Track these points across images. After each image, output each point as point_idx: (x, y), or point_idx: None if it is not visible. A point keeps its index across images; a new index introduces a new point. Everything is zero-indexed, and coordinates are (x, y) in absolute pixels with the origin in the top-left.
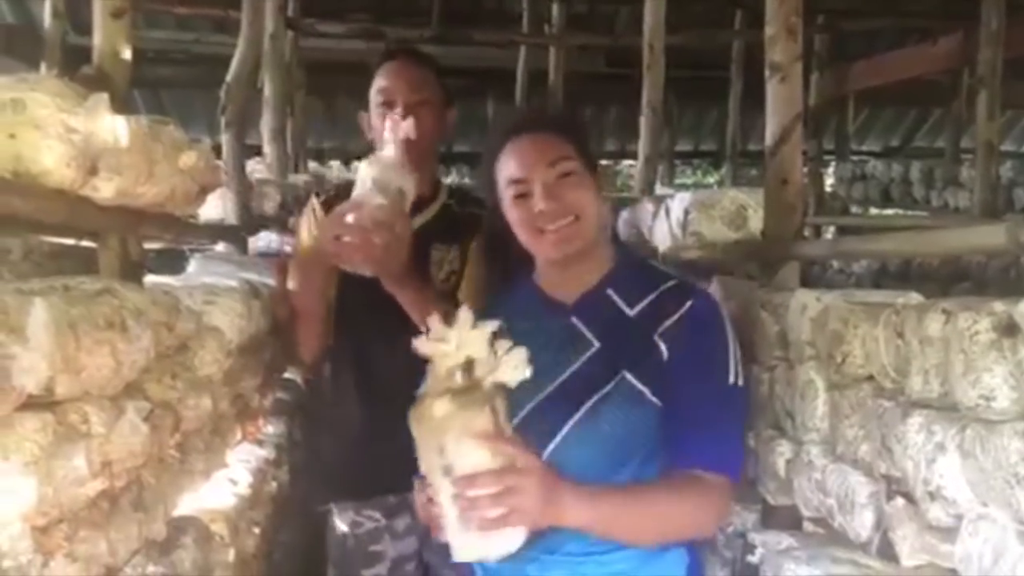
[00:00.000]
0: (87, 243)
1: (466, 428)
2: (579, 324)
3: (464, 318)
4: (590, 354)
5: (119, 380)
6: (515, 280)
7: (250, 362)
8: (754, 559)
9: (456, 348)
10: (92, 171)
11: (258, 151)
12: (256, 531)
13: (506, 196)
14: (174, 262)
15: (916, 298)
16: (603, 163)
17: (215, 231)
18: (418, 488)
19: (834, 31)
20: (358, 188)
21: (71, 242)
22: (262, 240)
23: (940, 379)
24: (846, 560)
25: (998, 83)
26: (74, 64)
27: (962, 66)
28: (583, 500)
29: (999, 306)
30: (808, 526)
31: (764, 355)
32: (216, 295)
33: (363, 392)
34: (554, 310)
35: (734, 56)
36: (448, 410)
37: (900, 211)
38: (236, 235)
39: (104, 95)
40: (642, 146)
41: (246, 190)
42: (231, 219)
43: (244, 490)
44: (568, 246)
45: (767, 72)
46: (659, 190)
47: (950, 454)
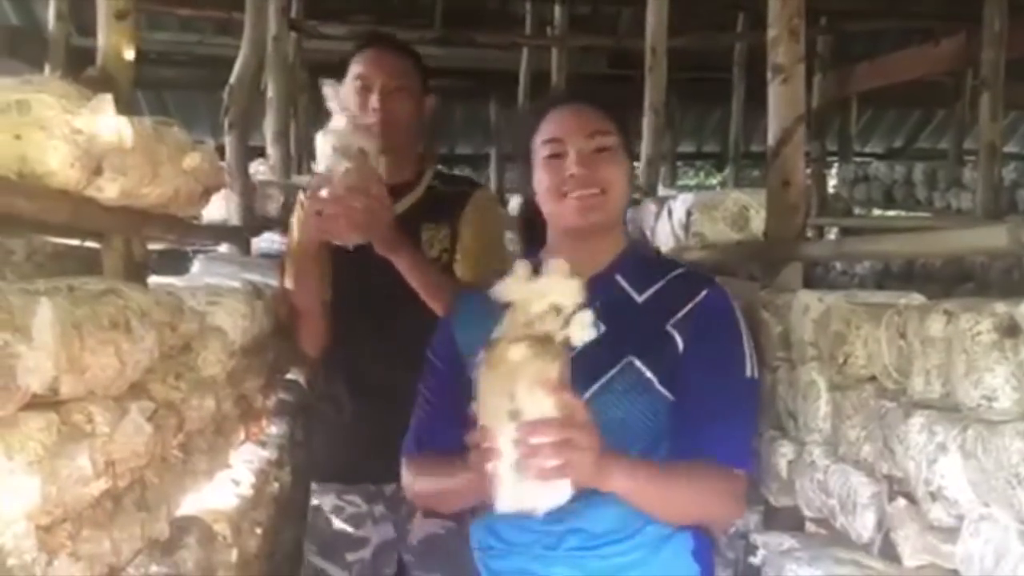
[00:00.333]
0: (91, 244)
1: (539, 376)
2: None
3: (556, 267)
4: (596, 338)
5: (123, 380)
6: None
7: (253, 363)
8: (756, 560)
9: (542, 295)
10: (96, 172)
11: (261, 152)
12: (259, 531)
13: (539, 157)
14: (178, 263)
15: (918, 299)
16: None
17: (218, 232)
18: (474, 434)
19: (837, 32)
20: (320, 163)
21: (75, 243)
22: (265, 241)
23: (942, 380)
24: (848, 561)
25: (1001, 84)
26: (78, 66)
27: (965, 67)
28: (625, 467)
29: (1001, 307)
30: (810, 527)
31: (766, 356)
32: (220, 296)
33: (352, 385)
34: None
35: (736, 58)
36: (525, 356)
37: (903, 212)
38: (239, 236)
39: (108, 96)
40: (644, 148)
41: (249, 191)
42: (234, 220)
43: (247, 490)
44: (590, 214)
45: (769, 74)
46: (661, 191)
47: (952, 454)
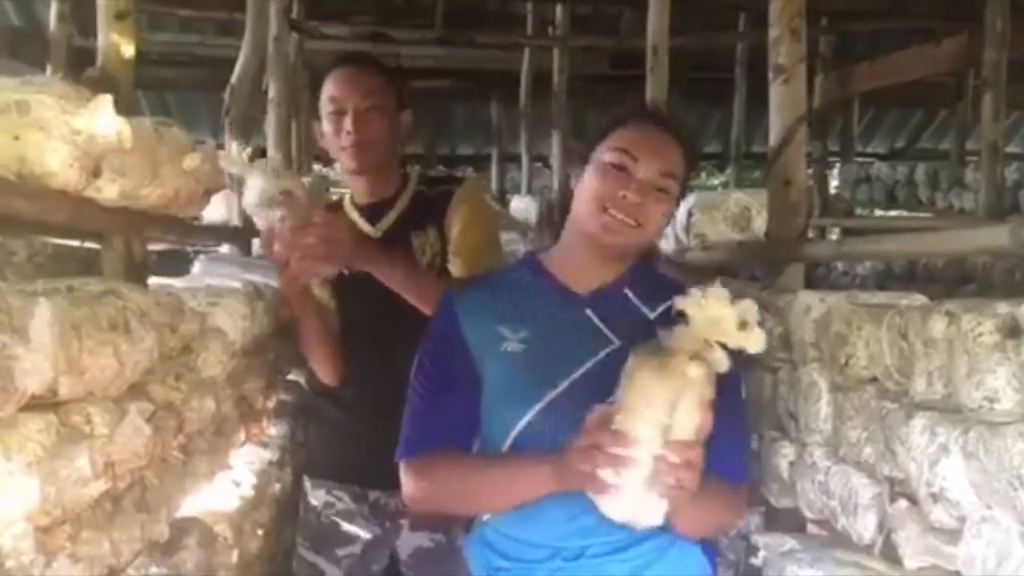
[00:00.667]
0: (91, 245)
1: (702, 397)
2: (594, 318)
3: (750, 308)
4: (610, 351)
5: (122, 381)
6: (516, 262)
7: (254, 363)
8: (757, 561)
9: (729, 315)
10: (96, 173)
11: (263, 153)
12: (259, 533)
13: (601, 159)
14: (178, 264)
15: (920, 300)
16: None
17: (219, 233)
18: (602, 434)
19: (838, 33)
20: (257, 220)
21: (76, 243)
22: None
23: (944, 381)
24: (849, 562)
25: (1003, 84)
26: (80, 66)
27: (967, 67)
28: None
29: (1003, 308)
30: (811, 528)
31: (767, 357)
32: (220, 297)
33: (357, 386)
34: (567, 299)
35: (738, 58)
36: (701, 375)
37: (905, 213)
38: (240, 237)
39: (108, 96)
40: None
41: None
42: (235, 221)
43: (248, 491)
44: (614, 237)
45: (771, 74)
46: None
47: (953, 456)
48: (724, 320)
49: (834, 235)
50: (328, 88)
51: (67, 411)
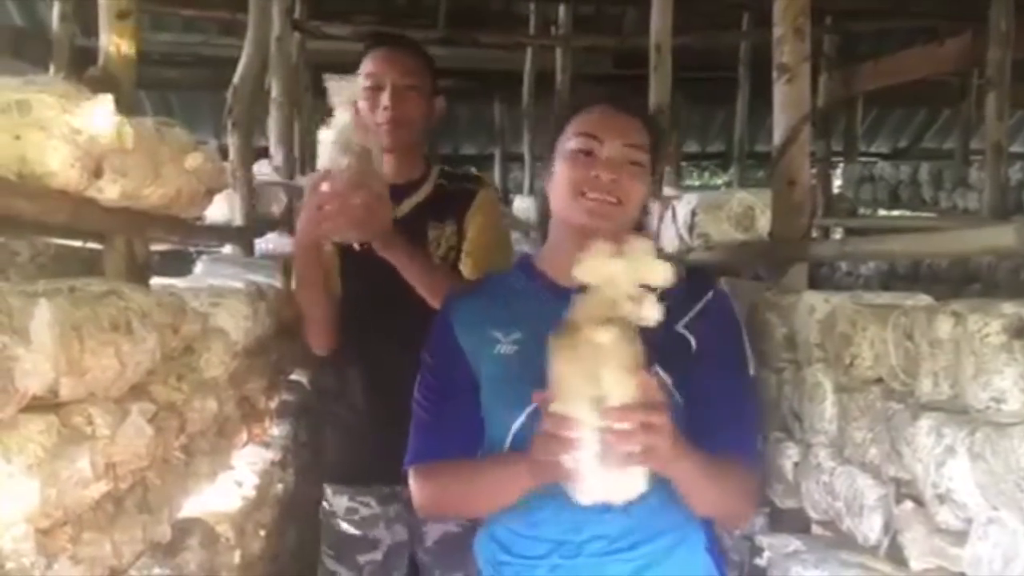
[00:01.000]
0: (93, 245)
1: (625, 359)
2: None
3: (641, 246)
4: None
5: (124, 382)
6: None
7: (256, 364)
8: (761, 562)
9: (633, 274)
10: (97, 173)
11: (265, 153)
12: (262, 533)
13: (566, 147)
14: (181, 264)
15: (925, 300)
16: None
17: (221, 233)
18: (546, 422)
19: (842, 32)
20: (321, 158)
21: (78, 244)
22: (270, 242)
23: (950, 381)
24: (854, 564)
25: (1007, 84)
26: (83, 66)
27: (971, 67)
28: (689, 451)
29: (1010, 308)
30: (816, 529)
31: (772, 357)
32: (222, 297)
33: (366, 385)
34: (558, 295)
35: (741, 57)
36: (613, 338)
37: (908, 212)
38: (243, 237)
39: (109, 96)
40: None
41: (252, 192)
42: (238, 221)
43: (250, 492)
44: (599, 220)
45: (775, 73)
46: (666, 192)
47: (960, 457)
48: (625, 281)
49: (837, 235)
50: (367, 65)
51: (68, 412)
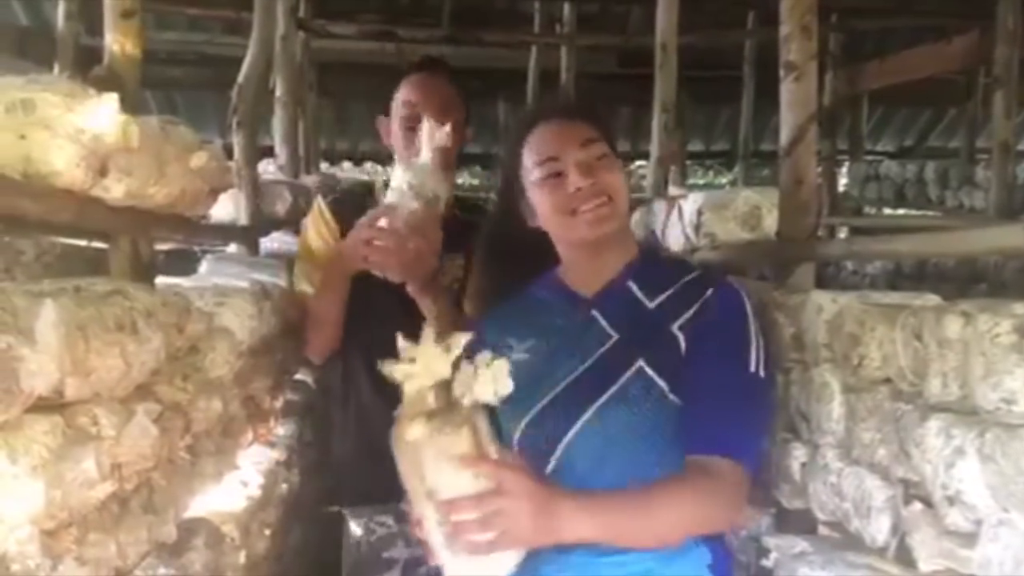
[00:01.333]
0: (98, 244)
1: (444, 451)
2: (599, 317)
3: (428, 337)
4: (608, 346)
5: (129, 382)
6: (539, 278)
7: (261, 363)
8: (768, 563)
9: (423, 369)
10: (102, 172)
11: (270, 152)
12: (267, 533)
13: (533, 178)
14: (185, 263)
15: (933, 299)
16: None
17: (226, 232)
18: (407, 511)
19: (848, 30)
20: (392, 194)
21: (83, 243)
22: (275, 241)
23: (959, 382)
24: (862, 565)
25: (1014, 82)
26: (88, 65)
27: (978, 65)
28: (582, 512)
29: (1019, 308)
30: (823, 530)
31: (779, 357)
32: (227, 296)
33: (377, 398)
34: (576, 304)
35: (746, 56)
36: (422, 433)
37: (914, 211)
38: (248, 236)
39: (114, 95)
40: (654, 147)
41: (257, 191)
42: (242, 220)
43: (255, 492)
44: (603, 226)
45: (782, 71)
46: (671, 191)
47: (969, 458)
48: (414, 378)
49: (843, 234)
50: (407, 91)
51: (73, 412)
